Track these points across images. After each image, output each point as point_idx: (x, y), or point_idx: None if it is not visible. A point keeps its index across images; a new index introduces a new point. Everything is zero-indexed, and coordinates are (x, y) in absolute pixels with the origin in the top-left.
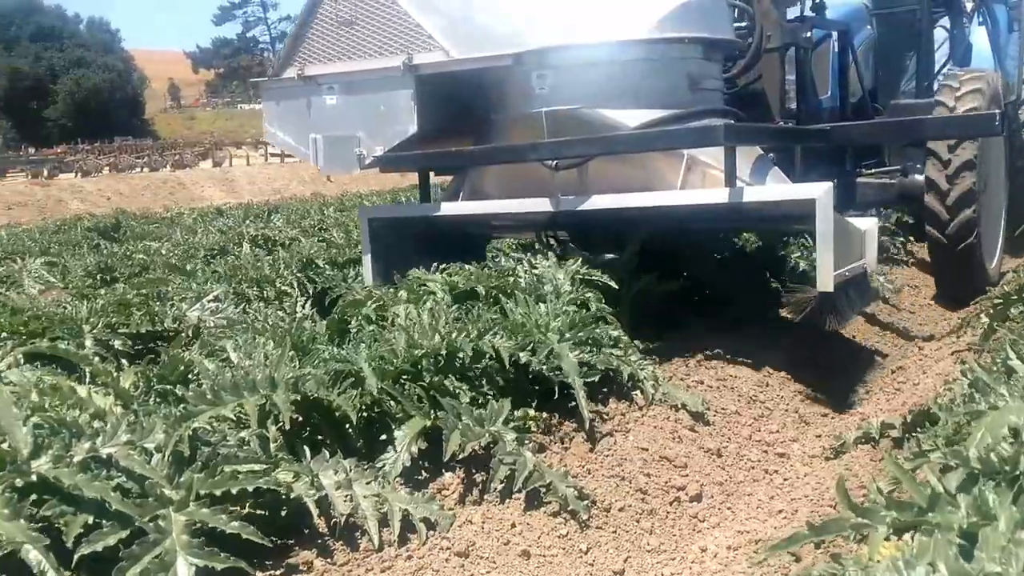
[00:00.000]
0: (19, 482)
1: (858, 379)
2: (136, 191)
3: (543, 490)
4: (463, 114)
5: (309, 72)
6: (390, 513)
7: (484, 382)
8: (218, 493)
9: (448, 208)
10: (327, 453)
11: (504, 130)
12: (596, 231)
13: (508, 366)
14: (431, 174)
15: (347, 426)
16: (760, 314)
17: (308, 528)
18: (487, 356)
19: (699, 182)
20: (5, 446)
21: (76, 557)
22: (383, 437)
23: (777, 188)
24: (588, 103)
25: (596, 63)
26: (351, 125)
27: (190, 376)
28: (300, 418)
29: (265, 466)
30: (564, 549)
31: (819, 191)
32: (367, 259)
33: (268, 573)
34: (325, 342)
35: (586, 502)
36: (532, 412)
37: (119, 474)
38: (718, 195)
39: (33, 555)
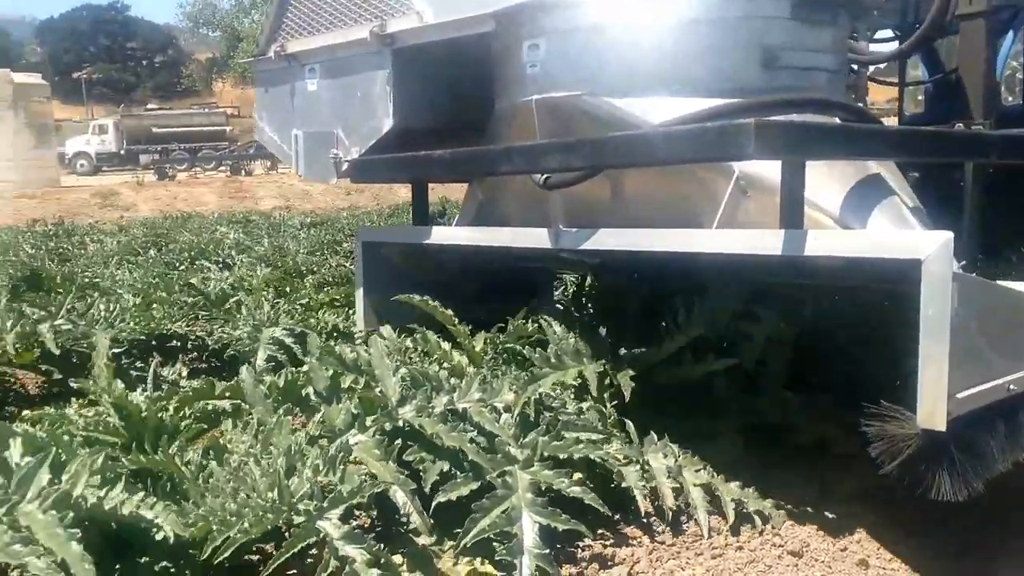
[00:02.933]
0: (388, 426)
1: None
2: None
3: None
4: (462, 103)
5: (290, 49)
6: (723, 503)
7: None
8: (562, 457)
9: (438, 234)
10: (655, 435)
11: (500, 126)
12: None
13: None
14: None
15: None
16: None
17: (633, 505)
18: None
19: (760, 214)
20: (378, 392)
21: (434, 503)
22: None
23: (855, 237)
24: (594, 87)
25: (607, 26)
26: (328, 118)
27: (527, 346)
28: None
29: (602, 436)
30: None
31: (930, 245)
32: (359, 295)
33: (599, 541)
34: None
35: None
36: None
37: (471, 428)
38: (750, 240)
39: (400, 496)
